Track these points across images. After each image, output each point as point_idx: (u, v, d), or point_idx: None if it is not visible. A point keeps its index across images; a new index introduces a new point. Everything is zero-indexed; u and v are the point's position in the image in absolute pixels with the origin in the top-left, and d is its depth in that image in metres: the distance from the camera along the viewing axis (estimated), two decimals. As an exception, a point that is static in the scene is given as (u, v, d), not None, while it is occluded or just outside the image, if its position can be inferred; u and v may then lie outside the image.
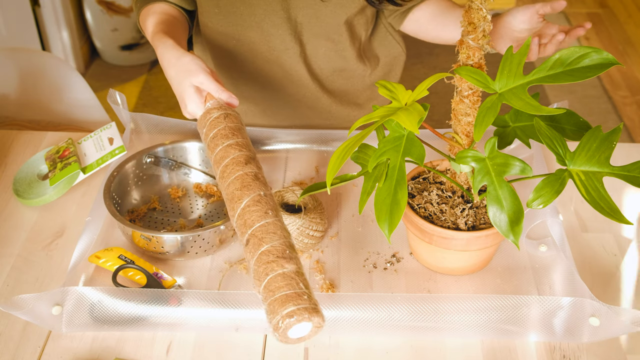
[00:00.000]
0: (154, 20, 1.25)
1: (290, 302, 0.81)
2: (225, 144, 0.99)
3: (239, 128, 1.03)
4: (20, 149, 1.39)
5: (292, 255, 0.86)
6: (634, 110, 3.02)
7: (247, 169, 0.96)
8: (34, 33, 2.96)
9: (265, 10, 1.29)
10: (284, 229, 0.90)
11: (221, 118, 1.03)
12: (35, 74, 1.74)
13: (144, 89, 3.15)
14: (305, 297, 0.82)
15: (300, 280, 0.83)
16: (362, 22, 1.37)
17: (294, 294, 0.82)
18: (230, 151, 0.98)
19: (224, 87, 1.07)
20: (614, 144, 0.94)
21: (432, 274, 1.11)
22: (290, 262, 0.85)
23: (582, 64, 0.93)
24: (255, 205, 0.91)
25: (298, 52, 1.35)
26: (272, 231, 0.88)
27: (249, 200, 0.92)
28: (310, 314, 0.81)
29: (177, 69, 1.09)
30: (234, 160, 0.97)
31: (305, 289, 0.83)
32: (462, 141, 1.02)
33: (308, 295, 0.83)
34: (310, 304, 0.81)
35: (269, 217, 0.90)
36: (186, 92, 1.08)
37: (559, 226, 1.11)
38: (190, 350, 1.01)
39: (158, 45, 1.15)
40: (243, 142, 1.00)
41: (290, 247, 0.88)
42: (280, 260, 0.85)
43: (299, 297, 0.81)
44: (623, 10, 3.83)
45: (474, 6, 0.94)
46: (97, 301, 1.01)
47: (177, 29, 1.26)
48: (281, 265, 0.84)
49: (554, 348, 1.00)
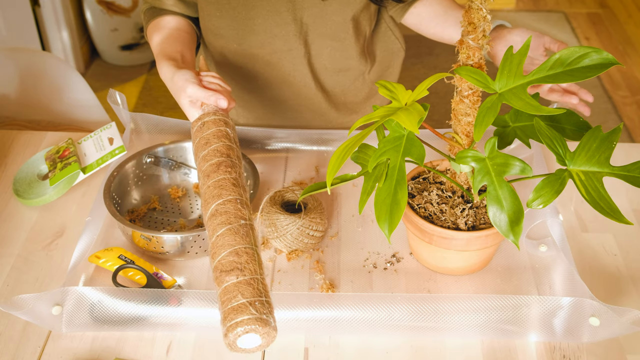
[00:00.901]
0: (158, 38, 1.29)
1: (226, 318, 0.83)
2: (200, 156, 1.03)
3: (214, 134, 1.04)
4: (20, 149, 1.39)
5: (240, 263, 0.87)
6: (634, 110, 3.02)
7: (210, 181, 0.98)
8: (34, 33, 2.96)
9: (269, 12, 1.29)
10: (241, 234, 0.91)
11: (198, 130, 1.06)
12: (35, 74, 1.74)
13: (144, 89, 3.15)
14: (244, 309, 0.83)
15: (239, 291, 0.84)
16: (366, 18, 1.37)
17: (231, 308, 0.83)
18: (202, 164, 1.02)
19: (215, 89, 1.11)
20: (614, 144, 0.94)
21: (432, 274, 1.11)
22: (232, 273, 0.86)
23: (582, 64, 0.93)
24: (210, 220, 0.94)
25: (302, 52, 1.35)
26: (220, 244, 0.90)
27: (208, 215, 0.95)
28: (249, 324, 0.82)
29: (173, 89, 1.15)
30: (203, 174, 1.00)
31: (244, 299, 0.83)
32: (462, 141, 1.02)
33: (250, 303, 0.83)
34: (248, 315, 0.82)
35: (220, 227, 0.92)
36: (184, 108, 1.13)
37: (559, 226, 1.11)
38: (190, 350, 1.01)
39: (158, 68, 1.21)
40: (214, 149, 1.02)
41: (240, 254, 0.88)
42: (222, 274, 0.87)
43: (235, 311, 0.83)
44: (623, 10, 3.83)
45: (474, 6, 0.94)
46: (97, 301, 1.01)
47: (183, 43, 1.28)
48: (223, 280, 0.86)
49: (554, 348, 1.00)
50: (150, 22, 1.34)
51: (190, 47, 1.30)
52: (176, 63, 1.17)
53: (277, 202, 1.16)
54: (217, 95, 1.08)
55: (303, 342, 1.01)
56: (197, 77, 1.12)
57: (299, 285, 1.09)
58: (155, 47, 1.27)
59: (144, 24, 1.36)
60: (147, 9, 1.35)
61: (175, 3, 1.32)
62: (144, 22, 1.36)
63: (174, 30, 1.31)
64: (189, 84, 1.10)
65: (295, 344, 1.01)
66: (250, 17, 1.30)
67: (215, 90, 1.10)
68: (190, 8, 1.34)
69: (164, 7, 1.32)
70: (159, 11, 1.33)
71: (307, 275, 1.11)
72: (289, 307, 1.01)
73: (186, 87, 1.10)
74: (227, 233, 0.90)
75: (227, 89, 1.13)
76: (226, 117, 1.08)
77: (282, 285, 1.09)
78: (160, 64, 1.19)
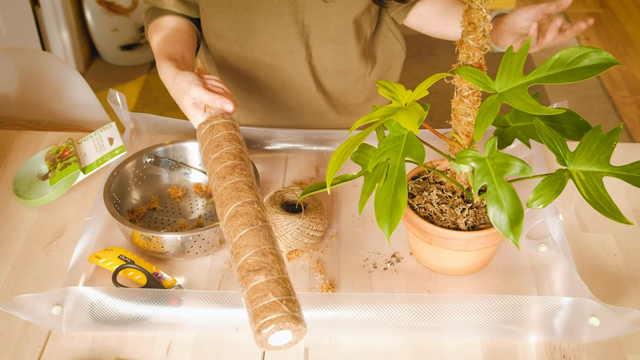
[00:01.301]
0: (158, 38, 1.28)
1: (259, 315, 0.83)
2: (212, 158, 1.02)
3: (225, 137, 1.04)
4: (20, 149, 1.39)
5: (267, 263, 0.87)
6: (634, 110, 3.02)
7: (226, 182, 0.97)
8: (34, 33, 2.96)
9: (271, 14, 1.28)
10: (262, 235, 0.91)
11: (207, 132, 1.05)
12: (35, 74, 1.74)
13: (144, 89, 3.15)
14: (277, 307, 0.83)
15: (270, 290, 0.84)
16: (367, 20, 1.37)
17: (264, 306, 0.83)
18: (214, 166, 1.00)
19: (220, 92, 1.10)
20: (614, 144, 0.94)
21: (432, 274, 1.11)
22: (260, 272, 0.86)
23: (582, 64, 0.93)
24: (230, 221, 0.93)
25: (303, 55, 1.34)
26: (244, 245, 0.89)
27: (227, 216, 0.94)
28: (282, 322, 0.82)
29: (175, 90, 1.13)
30: (217, 176, 0.99)
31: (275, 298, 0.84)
32: (462, 141, 1.02)
33: (281, 301, 0.83)
34: (281, 313, 0.82)
35: (242, 228, 0.91)
36: (187, 110, 1.11)
37: (559, 226, 1.11)
38: (190, 350, 1.01)
39: (158, 68, 1.20)
40: (227, 152, 1.02)
41: (266, 255, 0.88)
42: (250, 274, 0.86)
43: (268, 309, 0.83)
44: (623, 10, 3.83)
45: (474, 6, 0.94)
46: (97, 301, 1.01)
47: (183, 44, 1.28)
48: (251, 279, 0.86)
49: (554, 348, 1.00)
50: (151, 22, 1.34)
51: (191, 49, 1.30)
52: (177, 64, 1.17)
53: (277, 202, 1.16)
54: (222, 99, 1.07)
55: (303, 342, 1.01)
56: (200, 80, 1.11)
57: (299, 285, 1.09)
58: (155, 47, 1.27)
59: (145, 23, 1.36)
60: (148, 9, 1.35)
61: (176, 4, 1.32)
62: (145, 22, 1.36)
63: (175, 30, 1.31)
64: (194, 86, 1.09)
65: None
66: (251, 19, 1.29)
67: (219, 94, 1.10)
68: (191, 9, 1.34)
69: (165, 7, 1.32)
70: (159, 11, 1.33)
71: (307, 275, 1.11)
72: (289, 307, 1.01)
73: (190, 88, 1.09)
74: (250, 234, 0.90)
75: (230, 92, 1.13)
76: (234, 121, 1.07)
77: (282, 285, 1.09)
78: (161, 65, 1.18)
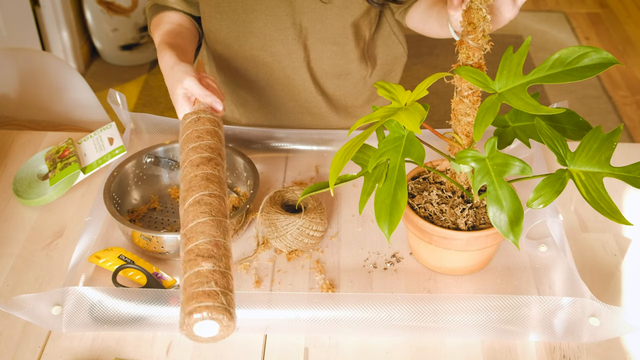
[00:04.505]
0: (162, 30, 1.29)
1: (195, 299, 0.81)
2: (190, 147, 1.02)
3: (208, 131, 1.04)
4: (20, 149, 1.39)
5: (218, 254, 0.87)
6: (634, 110, 3.02)
7: (198, 171, 0.97)
8: (34, 33, 2.96)
9: (268, 16, 1.29)
10: (221, 228, 0.90)
11: (192, 122, 1.06)
12: (35, 74, 1.74)
13: (144, 89, 3.15)
14: (216, 296, 0.82)
15: (214, 279, 0.83)
16: (366, 23, 1.37)
17: (203, 292, 0.82)
18: (190, 154, 1.01)
19: (213, 91, 1.10)
20: (615, 145, 0.94)
21: (432, 274, 1.11)
22: (209, 260, 0.85)
23: (581, 64, 0.93)
24: (193, 206, 0.93)
25: (302, 56, 1.35)
26: (200, 231, 0.89)
27: (190, 201, 0.94)
28: (217, 312, 0.80)
29: (170, 78, 1.14)
30: (191, 163, 0.99)
31: (217, 288, 0.83)
32: (462, 141, 1.02)
33: (222, 293, 0.82)
34: (219, 303, 0.81)
35: (203, 216, 0.91)
36: (177, 99, 1.12)
37: (559, 226, 1.11)
38: (190, 350, 1.01)
39: (159, 56, 1.20)
40: (206, 144, 1.02)
41: (219, 247, 0.88)
42: (199, 258, 0.85)
43: (207, 296, 0.81)
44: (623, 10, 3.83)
45: (474, 6, 0.94)
46: (97, 301, 1.01)
47: (184, 39, 1.29)
48: (198, 264, 0.85)
49: (554, 348, 1.00)
50: (154, 16, 1.35)
51: (192, 45, 1.31)
52: (178, 54, 1.18)
53: (277, 202, 1.16)
54: (213, 97, 1.09)
55: (303, 342, 1.01)
56: (197, 74, 1.12)
57: (299, 285, 1.09)
58: (157, 37, 1.28)
59: (148, 19, 1.38)
60: (152, 6, 1.37)
61: (178, 1, 1.33)
62: (148, 18, 1.38)
63: (177, 25, 1.32)
64: (188, 77, 1.10)
65: (295, 344, 1.01)
66: (249, 20, 1.30)
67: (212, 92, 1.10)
68: (193, 7, 1.35)
69: (168, 4, 1.34)
70: (163, 8, 1.34)
71: (307, 275, 1.11)
72: (289, 307, 1.01)
73: (184, 78, 1.10)
74: (209, 223, 0.90)
75: (222, 94, 1.14)
76: (220, 120, 1.08)
77: (282, 285, 1.09)
78: (162, 52, 1.19)
